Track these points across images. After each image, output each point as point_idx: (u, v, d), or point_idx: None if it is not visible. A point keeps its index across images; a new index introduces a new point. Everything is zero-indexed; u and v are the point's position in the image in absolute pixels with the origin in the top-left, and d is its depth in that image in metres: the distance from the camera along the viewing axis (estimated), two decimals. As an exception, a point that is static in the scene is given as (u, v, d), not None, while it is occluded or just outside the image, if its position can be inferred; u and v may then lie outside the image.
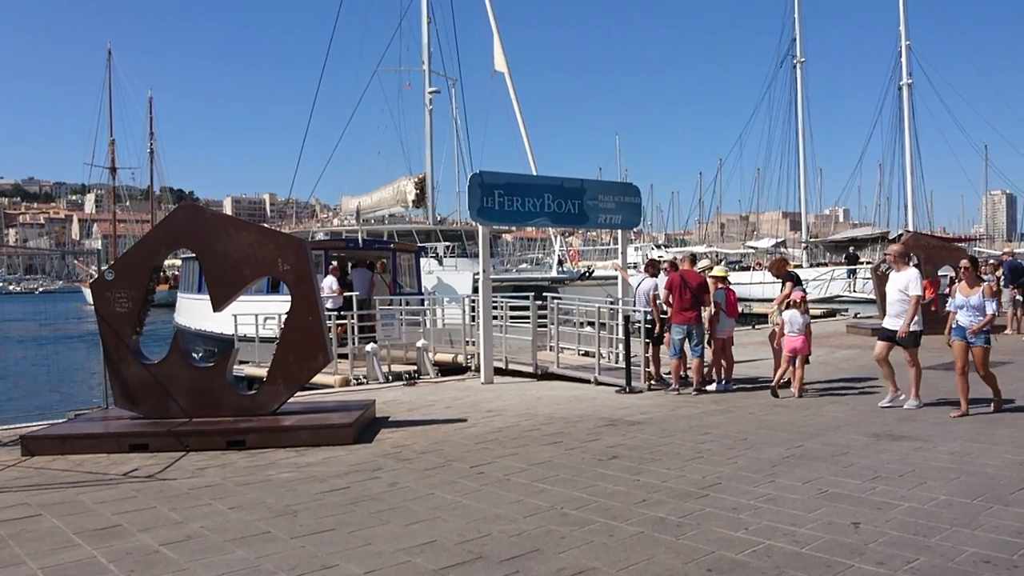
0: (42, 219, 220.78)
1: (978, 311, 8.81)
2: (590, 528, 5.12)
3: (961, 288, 9.13)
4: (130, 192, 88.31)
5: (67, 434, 8.11)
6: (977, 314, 8.79)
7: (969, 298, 8.89)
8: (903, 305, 9.35)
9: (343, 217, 39.50)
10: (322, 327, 8.84)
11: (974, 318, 8.81)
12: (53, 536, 5.21)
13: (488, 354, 13.04)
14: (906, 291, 9.31)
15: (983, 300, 8.83)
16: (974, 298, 8.85)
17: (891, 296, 9.58)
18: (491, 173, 13.07)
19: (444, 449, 7.74)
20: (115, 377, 8.62)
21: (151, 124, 79.99)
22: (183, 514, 5.63)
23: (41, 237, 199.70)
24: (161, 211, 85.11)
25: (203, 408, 8.50)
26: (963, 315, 8.93)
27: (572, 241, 67.97)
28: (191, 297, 24.14)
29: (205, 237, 8.73)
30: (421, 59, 34.37)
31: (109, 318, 8.55)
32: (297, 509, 5.69)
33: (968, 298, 8.90)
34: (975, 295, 8.87)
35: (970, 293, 8.92)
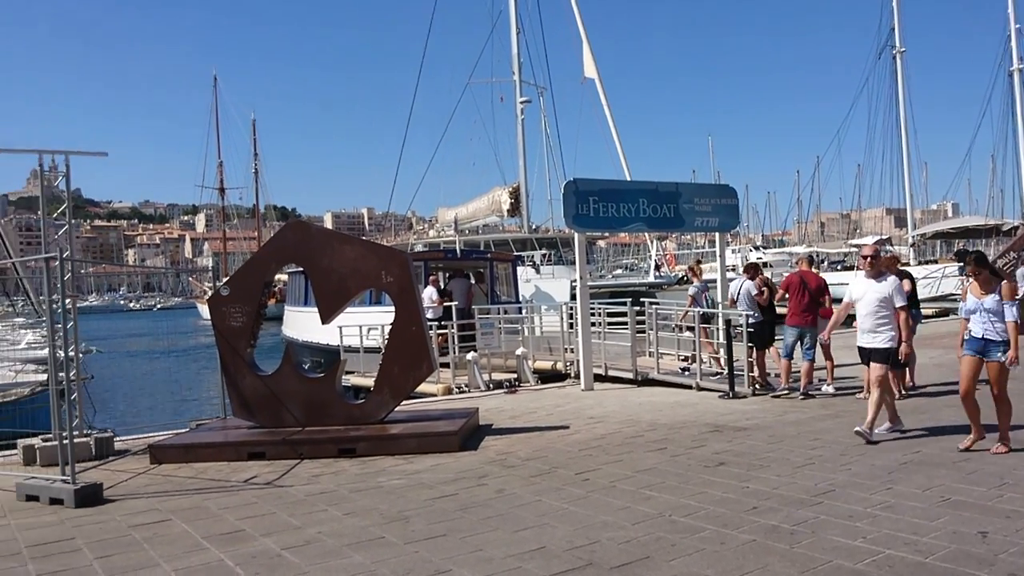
0: (158, 239, 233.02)
1: (996, 316, 7.03)
2: (700, 536, 5.07)
3: (972, 289, 7.33)
4: (237, 211, 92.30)
5: (191, 443, 8.55)
6: (996, 320, 7.04)
7: (983, 301, 7.12)
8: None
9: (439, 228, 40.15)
10: (425, 337, 9.03)
11: (991, 325, 7.06)
12: (183, 540, 5.50)
13: (587, 361, 13.03)
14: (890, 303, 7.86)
15: (1001, 304, 7.01)
16: (988, 300, 7.08)
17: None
18: (585, 180, 13.08)
19: (548, 456, 7.78)
20: (232, 388, 9.04)
21: (255, 145, 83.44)
22: (301, 519, 5.86)
23: (157, 256, 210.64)
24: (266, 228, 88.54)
25: (315, 417, 8.81)
26: (976, 321, 7.20)
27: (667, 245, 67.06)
28: (298, 310, 25.02)
29: (312, 252, 9.07)
30: (512, 70, 34.68)
31: (225, 332, 8.97)
32: (409, 515, 5.84)
33: (981, 301, 7.14)
34: (990, 297, 7.08)
35: (983, 295, 7.15)
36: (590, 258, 39.14)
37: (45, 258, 7.32)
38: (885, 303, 7.82)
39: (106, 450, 8.67)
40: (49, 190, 8.72)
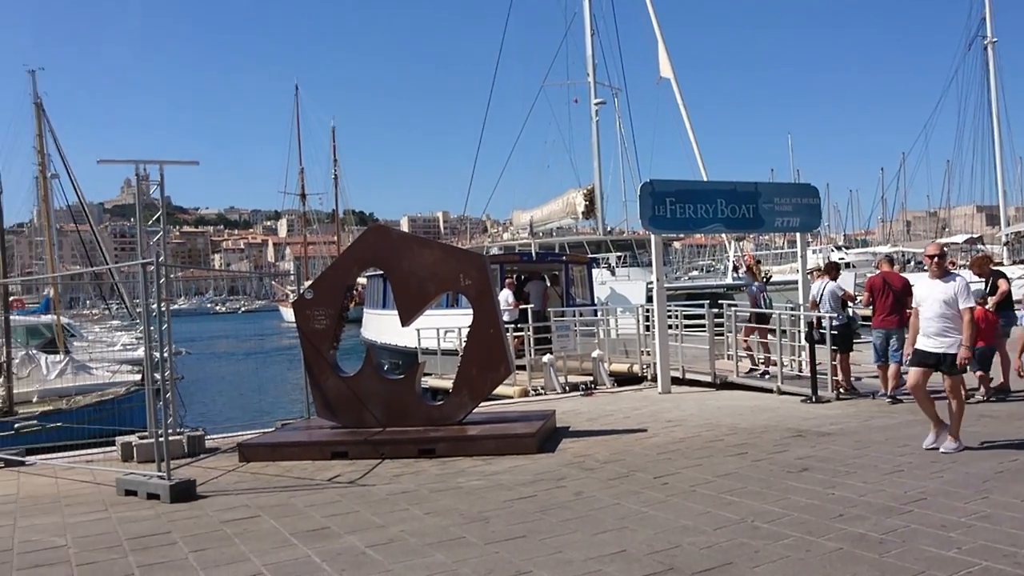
0: (242, 244, 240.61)
1: None
2: (784, 543, 4.97)
3: None
4: (318, 215, 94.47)
5: (277, 442, 8.82)
6: None
7: None
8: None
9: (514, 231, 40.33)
10: (503, 339, 9.11)
11: None
12: (272, 536, 5.69)
13: (665, 363, 12.91)
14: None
15: None
16: None
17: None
18: (662, 181, 12.97)
19: (626, 459, 7.75)
20: (316, 389, 9.28)
21: (334, 151, 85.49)
22: (384, 518, 5.99)
23: (242, 261, 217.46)
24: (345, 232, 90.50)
25: (395, 418, 8.98)
26: None
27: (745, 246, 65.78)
28: (377, 313, 25.51)
29: (392, 256, 9.25)
30: (586, 71, 34.57)
31: (309, 334, 9.22)
32: (488, 516, 5.90)
33: None
34: None
35: None
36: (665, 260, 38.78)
37: (141, 263, 7.66)
38: (951, 304, 7.30)
39: (198, 448, 9.02)
40: (145, 198, 9.12)
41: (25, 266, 51.49)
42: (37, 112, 27.51)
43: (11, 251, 29.37)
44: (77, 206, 31.45)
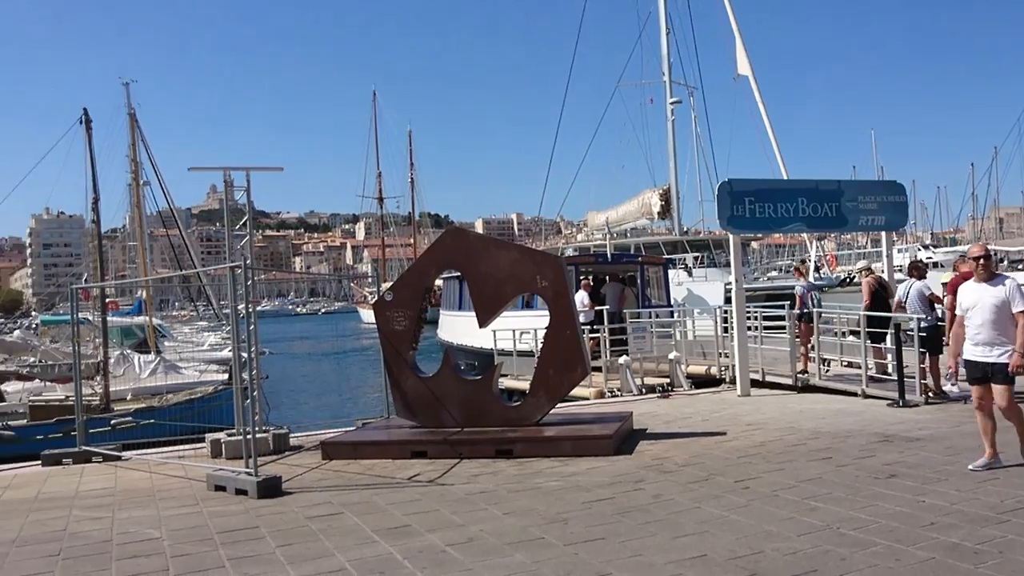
0: (321, 247, 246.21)
1: None
2: (872, 551, 4.83)
3: None
4: (394, 218, 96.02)
5: (358, 441, 9.02)
6: None
7: None
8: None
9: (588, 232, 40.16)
10: (580, 340, 9.10)
11: None
12: (355, 533, 5.82)
13: (744, 365, 12.69)
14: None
15: None
16: None
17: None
18: (740, 180, 12.75)
19: (705, 462, 7.64)
20: (395, 389, 9.44)
21: (411, 155, 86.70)
22: (463, 517, 6.05)
23: (321, 264, 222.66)
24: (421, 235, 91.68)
25: (473, 419, 9.06)
26: None
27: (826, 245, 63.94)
28: (453, 314, 25.77)
29: (470, 258, 9.35)
30: (661, 71, 34.20)
31: (389, 335, 9.39)
32: (567, 517, 5.90)
33: None
34: None
35: None
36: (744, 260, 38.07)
37: (230, 267, 7.94)
38: (1002, 309, 6.67)
39: (282, 445, 9.29)
40: (232, 204, 9.43)
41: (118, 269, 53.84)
42: (131, 122, 28.79)
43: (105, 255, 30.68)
44: (167, 212, 32.77)
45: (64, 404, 15.41)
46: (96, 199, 17.73)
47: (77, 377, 9.62)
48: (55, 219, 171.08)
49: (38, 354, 21.61)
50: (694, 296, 24.35)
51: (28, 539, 6.06)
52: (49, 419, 15.20)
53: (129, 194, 32.63)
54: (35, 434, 14.68)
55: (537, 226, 70.17)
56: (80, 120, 18.88)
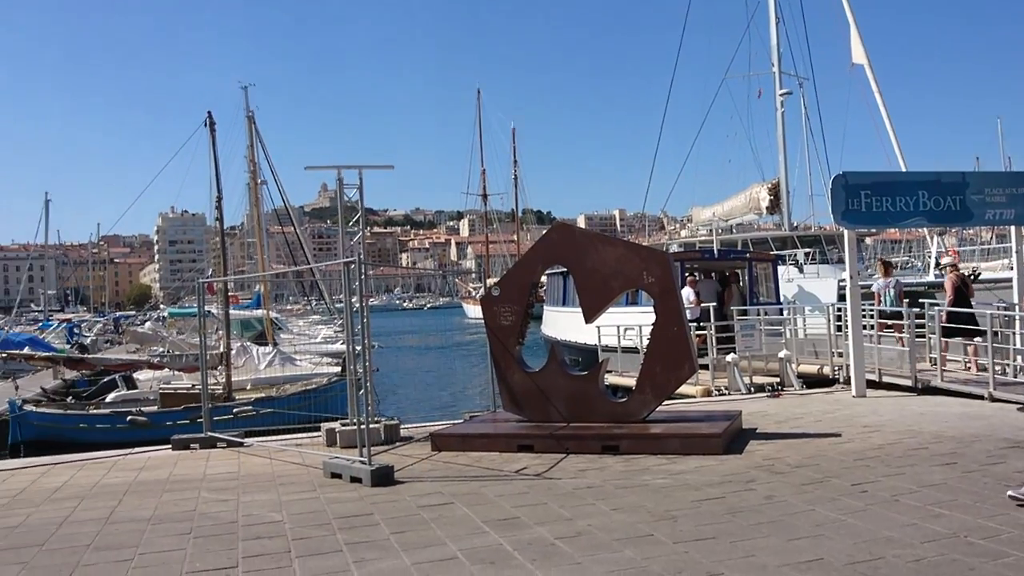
0: (427, 244, 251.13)
1: None
2: (1004, 562, 4.60)
3: None
4: (498, 215, 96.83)
5: (466, 433, 9.19)
6: None
7: None
8: None
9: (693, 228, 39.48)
10: (687, 337, 8.99)
11: None
12: (465, 523, 5.94)
13: (859, 365, 12.23)
14: None
15: None
16: None
17: None
18: (856, 173, 12.28)
19: (820, 464, 7.42)
20: (502, 383, 9.56)
21: (514, 152, 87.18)
22: (571, 511, 6.09)
23: (426, 260, 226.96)
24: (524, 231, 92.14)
25: (579, 414, 9.08)
26: None
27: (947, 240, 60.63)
28: (557, 310, 25.85)
29: (576, 254, 9.36)
30: (771, 61, 33.20)
31: (496, 330, 9.52)
32: (676, 515, 5.86)
33: None
34: None
35: None
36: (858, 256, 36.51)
37: (344, 262, 8.22)
38: None
39: (393, 436, 9.56)
40: (347, 201, 9.76)
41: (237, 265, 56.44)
42: (249, 124, 30.15)
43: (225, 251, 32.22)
44: (282, 209, 34.16)
45: (191, 392, 16.32)
46: (219, 198, 18.69)
47: (203, 367, 10.17)
48: (179, 217, 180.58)
49: (166, 345, 22.96)
50: (805, 293, 23.59)
51: (163, 517, 6.47)
52: (177, 406, 16.14)
53: (247, 193, 34.16)
54: (165, 420, 15.61)
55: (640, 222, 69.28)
56: (205, 123, 19.89)
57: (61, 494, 7.59)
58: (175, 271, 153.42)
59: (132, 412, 16.34)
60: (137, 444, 10.75)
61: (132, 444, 10.89)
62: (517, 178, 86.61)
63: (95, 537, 5.95)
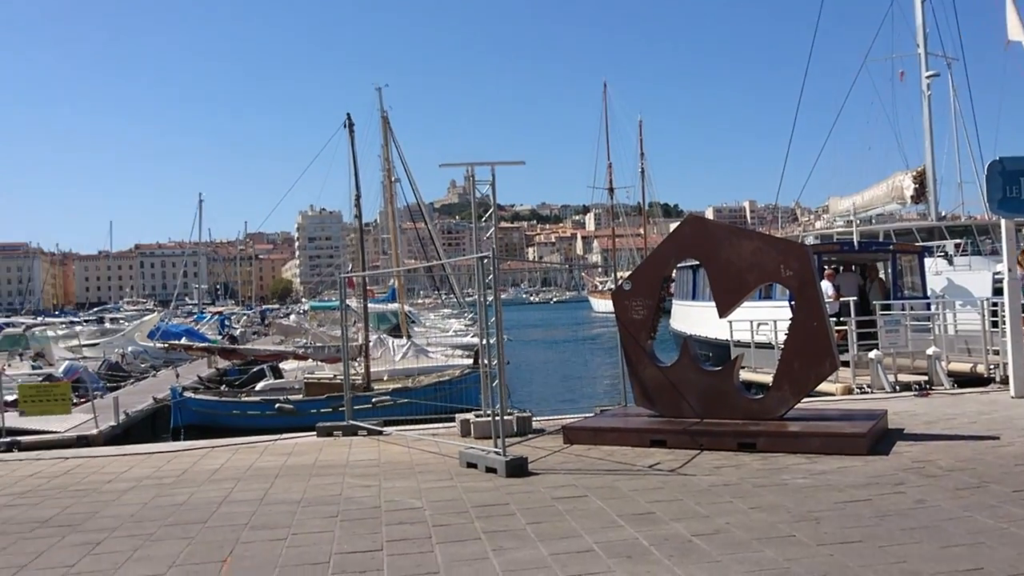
0: (553, 238, 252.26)
1: None
2: None
3: None
4: (624, 209, 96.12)
5: (598, 427, 9.20)
6: None
7: None
8: None
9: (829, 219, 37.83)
10: (828, 333, 8.67)
11: None
12: (600, 516, 5.97)
13: (1019, 364, 11.40)
14: None
15: None
16: None
17: None
18: (1014, 159, 11.45)
19: (976, 468, 6.99)
20: (634, 377, 9.52)
21: (641, 145, 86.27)
22: (707, 509, 6.01)
23: (552, 254, 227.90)
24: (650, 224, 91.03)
25: (712, 410, 8.92)
26: None
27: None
28: (687, 304, 25.42)
29: (710, 247, 9.19)
30: (916, 42, 31.34)
31: (627, 324, 9.48)
32: (819, 516, 5.67)
33: None
34: None
35: None
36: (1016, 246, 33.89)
37: (478, 257, 8.40)
38: None
39: (525, 428, 9.70)
40: (481, 199, 9.95)
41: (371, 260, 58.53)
42: (383, 124, 31.21)
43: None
44: (415, 206, 35.21)
45: (332, 382, 17.12)
46: (358, 196, 19.48)
47: (345, 359, 10.64)
48: (318, 215, 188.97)
49: (309, 336, 24.15)
50: (955, 287, 22.18)
51: (311, 500, 6.83)
52: (320, 395, 16.97)
53: (382, 190, 35.36)
54: (309, 408, 16.44)
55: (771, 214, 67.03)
56: (344, 124, 20.75)
57: (219, 475, 8.14)
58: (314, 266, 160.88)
59: (279, 400, 17.31)
60: (284, 430, 11.38)
61: (279, 430, 11.53)
62: (644, 171, 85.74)
63: (251, 516, 6.36)
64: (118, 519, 6.47)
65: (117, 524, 6.30)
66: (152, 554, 5.45)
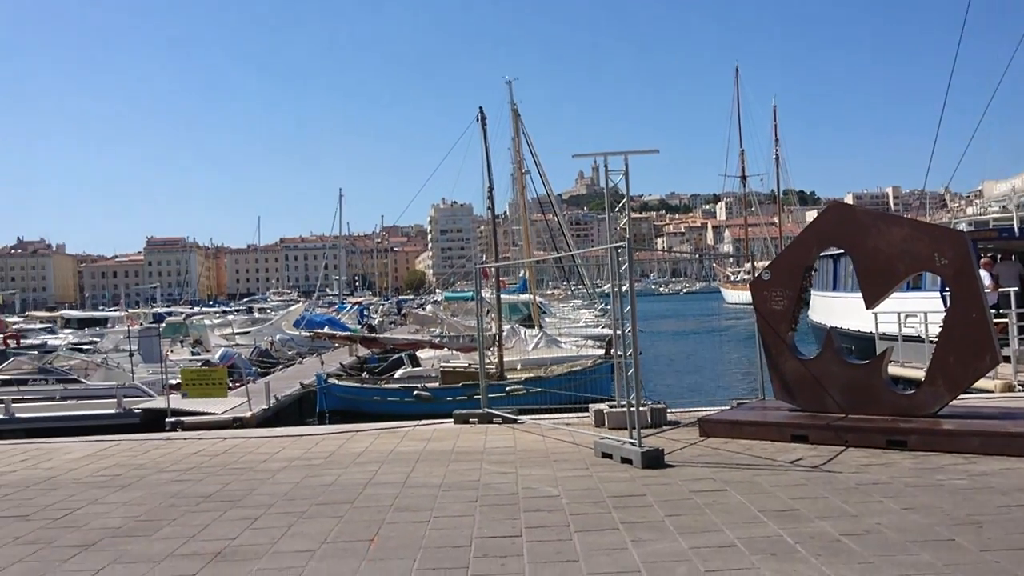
0: (682, 228, 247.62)
1: None
2: None
3: None
4: (758, 197, 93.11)
5: (735, 420, 8.98)
6: None
7: None
8: None
9: (982, 205, 35.28)
10: (988, 325, 8.11)
11: None
12: (740, 511, 5.84)
13: None
14: None
15: None
16: None
17: None
18: None
19: None
20: (773, 370, 9.23)
21: (775, 131, 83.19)
22: (856, 508, 5.76)
23: (682, 244, 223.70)
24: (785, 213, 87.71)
25: (858, 405, 8.53)
26: None
27: None
28: (827, 295, 24.39)
29: (856, 234, 8.77)
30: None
31: (767, 315, 9.20)
32: (981, 520, 5.33)
33: None
34: None
35: None
36: None
37: (614, 247, 8.36)
38: None
39: (660, 420, 9.60)
40: (613, 189, 9.89)
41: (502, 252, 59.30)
42: (513, 117, 31.52)
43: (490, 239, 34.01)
44: (545, 198, 35.40)
45: (467, 371, 17.50)
46: (491, 188, 19.80)
47: (481, 348, 10.85)
48: (449, 208, 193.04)
49: (444, 326, 24.79)
50: None
51: (451, 485, 7.02)
52: (456, 383, 17.40)
53: (511, 183, 35.75)
54: (445, 396, 16.91)
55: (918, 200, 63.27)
56: (477, 118, 21.09)
57: (364, 458, 8.49)
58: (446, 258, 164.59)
59: (417, 388, 17.89)
60: (421, 417, 11.74)
61: (416, 417, 11.91)
62: (778, 157, 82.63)
63: (395, 499, 6.60)
64: (273, 496, 6.88)
65: (272, 501, 6.70)
66: (305, 531, 5.76)
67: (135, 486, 7.59)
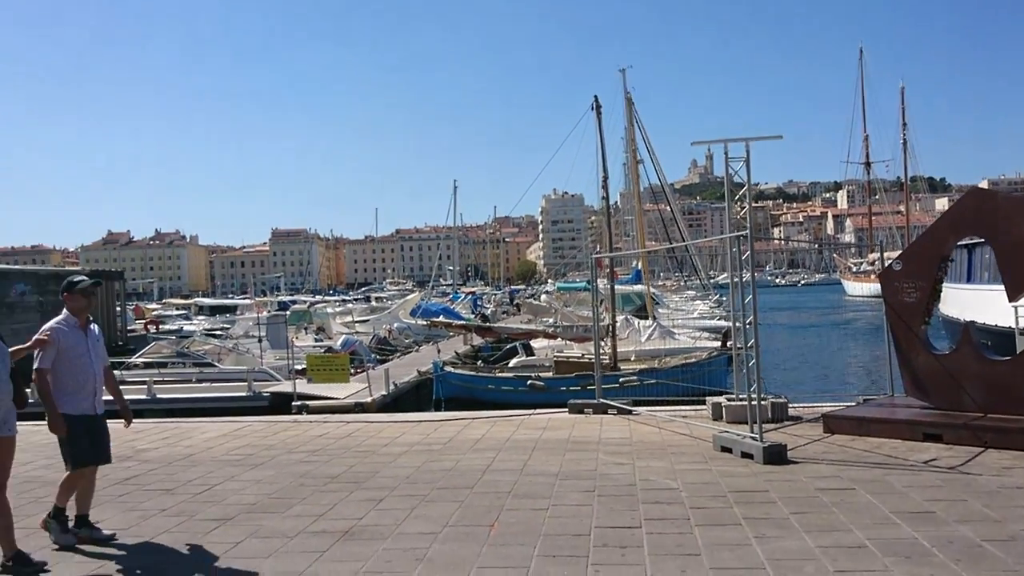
0: (801, 217, 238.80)
1: None
2: None
3: None
4: (883, 184, 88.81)
5: (863, 416, 8.62)
6: None
7: None
8: None
9: None
10: None
11: None
12: (869, 511, 5.61)
13: None
14: None
15: None
16: None
17: None
18: None
19: None
20: (904, 366, 8.81)
21: (903, 115, 79.02)
22: (999, 513, 5.44)
23: (800, 234, 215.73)
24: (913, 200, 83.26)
25: (999, 404, 8.02)
26: None
27: None
28: (960, 287, 23.06)
29: (999, 223, 8.24)
30: None
31: (897, 307, 8.79)
32: None
33: None
34: None
35: None
36: None
37: (736, 236, 8.17)
38: None
39: (781, 415, 9.32)
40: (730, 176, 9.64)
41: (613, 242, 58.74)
42: (627, 106, 31.12)
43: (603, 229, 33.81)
44: (658, 187, 34.81)
45: (580, 361, 17.49)
46: (605, 178, 19.66)
47: (596, 339, 10.81)
48: (560, 199, 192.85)
49: (557, 316, 24.84)
50: None
51: (568, 474, 7.05)
52: (569, 373, 17.43)
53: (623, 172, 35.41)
54: (559, 385, 16.95)
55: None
56: (592, 107, 20.96)
57: (481, 445, 8.64)
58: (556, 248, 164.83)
59: (531, 377, 18.02)
60: (534, 406, 11.82)
61: (530, 406, 12.00)
62: (906, 142, 78.42)
63: (513, 486, 6.69)
64: (395, 479, 7.09)
65: (395, 484, 6.91)
66: (427, 513, 5.92)
67: (267, 465, 7.99)
